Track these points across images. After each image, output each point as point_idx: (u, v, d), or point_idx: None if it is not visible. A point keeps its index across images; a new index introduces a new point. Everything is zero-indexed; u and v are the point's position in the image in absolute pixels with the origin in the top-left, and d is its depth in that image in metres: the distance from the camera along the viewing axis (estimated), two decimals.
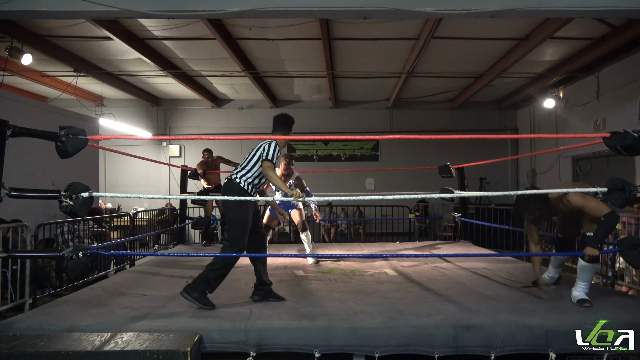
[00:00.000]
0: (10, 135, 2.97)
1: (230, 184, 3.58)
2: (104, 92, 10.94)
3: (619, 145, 3.23)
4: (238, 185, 3.55)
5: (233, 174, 3.64)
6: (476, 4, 4.53)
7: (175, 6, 4.56)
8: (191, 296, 3.38)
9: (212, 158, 7.30)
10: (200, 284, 3.42)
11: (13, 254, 3.79)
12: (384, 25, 6.80)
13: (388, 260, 5.65)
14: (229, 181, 3.61)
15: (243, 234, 3.53)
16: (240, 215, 3.51)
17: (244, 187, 3.55)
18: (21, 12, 4.61)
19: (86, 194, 2.96)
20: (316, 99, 11.92)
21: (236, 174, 3.61)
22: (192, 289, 3.40)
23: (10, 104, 6.57)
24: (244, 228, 3.53)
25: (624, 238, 3.64)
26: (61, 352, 2.58)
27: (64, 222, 5.81)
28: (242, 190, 3.54)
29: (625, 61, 8.04)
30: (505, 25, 6.84)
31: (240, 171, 3.61)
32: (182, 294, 3.41)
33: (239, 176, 3.59)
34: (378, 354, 2.88)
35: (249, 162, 3.61)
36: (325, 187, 10.49)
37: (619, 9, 4.53)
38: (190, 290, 3.40)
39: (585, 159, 9.46)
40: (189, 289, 3.41)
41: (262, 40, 7.56)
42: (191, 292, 3.39)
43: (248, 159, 3.64)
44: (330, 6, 4.59)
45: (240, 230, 3.52)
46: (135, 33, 7.30)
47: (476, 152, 9.73)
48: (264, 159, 3.51)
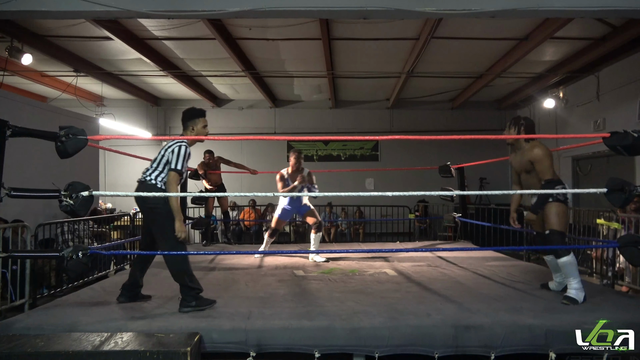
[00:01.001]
0: (10, 135, 2.97)
1: (146, 187, 3.42)
2: (104, 92, 10.94)
3: (619, 145, 3.23)
4: (155, 186, 3.42)
5: (146, 175, 3.47)
6: (476, 4, 4.52)
7: (175, 6, 4.56)
8: (190, 307, 3.33)
9: (213, 159, 7.31)
10: (188, 293, 3.36)
11: (13, 254, 3.80)
12: (384, 25, 6.80)
13: (388, 260, 5.65)
14: (143, 184, 3.45)
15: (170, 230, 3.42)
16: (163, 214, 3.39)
17: (162, 188, 3.44)
18: (21, 12, 4.61)
19: (86, 193, 2.96)
20: (316, 99, 11.93)
21: (149, 175, 3.45)
22: (187, 301, 3.35)
23: (10, 104, 6.57)
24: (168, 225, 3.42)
25: (623, 235, 3.64)
26: (61, 352, 2.57)
27: (64, 222, 5.81)
28: (162, 190, 3.42)
29: (625, 61, 8.05)
30: (505, 25, 6.85)
31: (153, 172, 3.46)
32: (182, 310, 3.33)
33: (153, 177, 3.44)
34: (378, 354, 2.87)
35: (160, 163, 3.46)
36: (325, 187, 10.42)
37: (619, 9, 4.53)
38: (186, 302, 3.35)
39: (585, 159, 9.47)
40: (185, 302, 3.36)
41: (262, 40, 7.56)
42: (187, 304, 3.34)
43: (158, 159, 3.47)
44: (330, 6, 4.59)
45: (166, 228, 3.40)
46: (135, 33, 7.31)
47: (476, 152, 9.72)
48: (171, 169, 3.37)
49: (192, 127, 3.58)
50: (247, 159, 10.12)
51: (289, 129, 12.05)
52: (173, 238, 3.38)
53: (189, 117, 3.61)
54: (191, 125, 3.58)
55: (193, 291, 3.37)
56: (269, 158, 11.87)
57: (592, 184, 8.92)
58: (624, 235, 3.55)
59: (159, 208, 3.39)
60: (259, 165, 8.77)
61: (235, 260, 5.69)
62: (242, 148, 11.67)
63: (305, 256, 5.86)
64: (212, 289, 4.08)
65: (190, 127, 3.58)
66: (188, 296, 3.36)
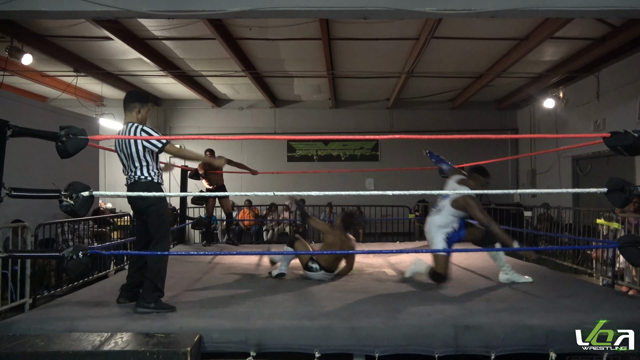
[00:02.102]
0: (10, 135, 2.97)
1: (141, 185, 3.40)
2: (104, 92, 10.94)
3: (619, 145, 3.23)
4: (152, 182, 3.41)
5: (135, 175, 3.44)
6: (476, 4, 4.52)
7: (175, 6, 4.56)
8: (148, 308, 3.28)
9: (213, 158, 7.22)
10: (152, 293, 3.32)
11: (13, 254, 3.79)
12: (384, 25, 6.80)
13: (388, 260, 5.65)
14: (137, 183, 3.41)
15: (168, 227, 3.52)
16: (160, 209, 3.44)
17: (158, 181, 3.46)
18: (21, 12, 4.61)
19: (86, 193, 2.96)
20: (316, 99, 11.93)
21: (140, 173, 3.42)
22: (147, 301, 3.30)
23: (10, 104, 6.57)
24: (166, 221, 3.48)
25: (623, 235, 3.65)
26: (61, 352, 2.57)
27: (64, 222, 5.81)
28: (158, 185, 3.45)
29: (625, 61, 8.05)
30: (505, 25, 6.85)
31: (141, 168, 3.42)
32: (137, 310, 3.28)
33: (145, 173, 3.42)
34: (378, 354, 2.87)
35: (141, 157, 3.41)
36: (325, 187, 10.50)
37: (619, 9, 4.53)
38: (145, 302, 3.30)
39: (585, 159, 9.47)
40: (144, 301, 3.30)
41: (262, 40, 7.56)
42: (146, 304, 3.29)
43: (134, 155, 3.40)
44: (330, 6, 4.59)
45: (165, 224, 3.46)
46: (135, 33, 7.31)
47: (476, 152, 9.73)
48: (163, 145, 3.38)
49: (139, 109, 3.54)
50: (247, 159, 10.11)
51: (289, 129, 12.05)
52: (166, 238, 3.45)
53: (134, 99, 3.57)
54: (138, 108, 3.54)
55: (156, 292, 3.34)
56: (269, 158, 11.88)
57: (592, 184, 8.91)
58: (624, 235, 3.55)
59: (155, 205, 3.41)
60: (259, 165, 8.76)
61: (235, 260, 5.69)
62: (242, 148, 11.67)
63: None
64: (212, 289, 4.08)
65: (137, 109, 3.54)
66: (149, 296, 3.31)
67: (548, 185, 10.51)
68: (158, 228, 3.44)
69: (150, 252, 3.46)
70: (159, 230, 3.44)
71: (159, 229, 3.44)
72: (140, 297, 3.35)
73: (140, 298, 3.34)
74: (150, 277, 3.36)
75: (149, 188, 3.37)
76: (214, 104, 11.89)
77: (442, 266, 4.16)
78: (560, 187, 9.87)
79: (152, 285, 3.34)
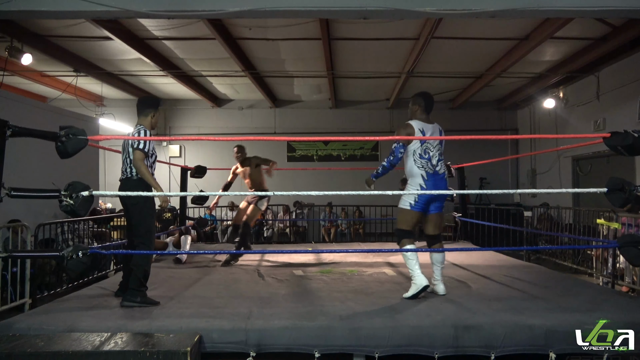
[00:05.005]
0: (10, 135, 2.97)
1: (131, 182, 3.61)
2: (104, 92, 10.94)
3: (619, 145, 3.23)
4: (140, 180, 3.60)
5: (127, 173, 3.66)
6: (476, 4, 4.52)
7: (175, 6, 4.56)
8: (134, 302, 3.41)
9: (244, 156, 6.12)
10: (138, 288, 3.47)
11: (13, 254, 3.79)
12: (384, 25, 6.80)
13: (388, 260, 5.65)
14: (128, 180, 3.63)
15: (153, 224, 3.67)
16: (147, 208, 3.57)
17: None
18: (21, 12, 4.60)
19: (86, 192, 2.96)
20: (316, 99, 11.93)
21: (131, 170, 3.63)
22: (133, 295, 3.43)
23: (10, 104, 6.56)
24: (153, 219, 3.66)
25: (624, 235, 3.64)
26: (61, 352, 2.58)
27: (64, 222, 5.81)
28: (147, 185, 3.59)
29: (625, 61, 8.05)
30: (505, 25, 6.85)
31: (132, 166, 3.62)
32: (124, 304, 3.42)
33: (134, 173, 3.62)
34: (378, 354, 2.88)
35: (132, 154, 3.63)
36: (325, 187, 10.50)
37: (619, 9, 4.52)
38: (131, 297, 3.43)
39: (585, 159, 9.47)
40: (130, 296, 3.43)
41: (262, 40, 7.56)
42: (132, 299, 3.42)
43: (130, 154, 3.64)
44: (330, 6, 4.59)
45: (151, 222, 3.63)
46: (135, 33, 7.30)
47: (476, 152, 9.72)
48: (136, 148, 3.52)
49: (153, 114, 3.75)
50: None
51: (289, 129, 12.05)
52: (151, 234, 3.58)
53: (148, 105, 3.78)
54: (152, 113, 3.75)
55: (142, 287, 3.50)
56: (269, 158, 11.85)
57: (592, 184, 8.91)
58: (624, 235, 3.55)
59: (140, 204, 3.53)
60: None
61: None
62: None
63: (306, 256, 5.85)
64: (212, 289, 4.08)
65: (152, 114, 3.75)
66: (135, 291, 3.45)
67: (548, 185, 10.51)
68: (140, 226, 3.58)
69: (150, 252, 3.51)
70: (140, 227, 3.58)
71: (140, 227, 3.58)
72: (127, 292, 3.49)
73: (127, 293, 3.48)
74: (135, 273, 3.50)
75: (138, 185, 3.56)
76: (214, 104, 11.89)
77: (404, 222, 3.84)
78: (560, 187, 9.87)
79: (137, 280, 3.47)
